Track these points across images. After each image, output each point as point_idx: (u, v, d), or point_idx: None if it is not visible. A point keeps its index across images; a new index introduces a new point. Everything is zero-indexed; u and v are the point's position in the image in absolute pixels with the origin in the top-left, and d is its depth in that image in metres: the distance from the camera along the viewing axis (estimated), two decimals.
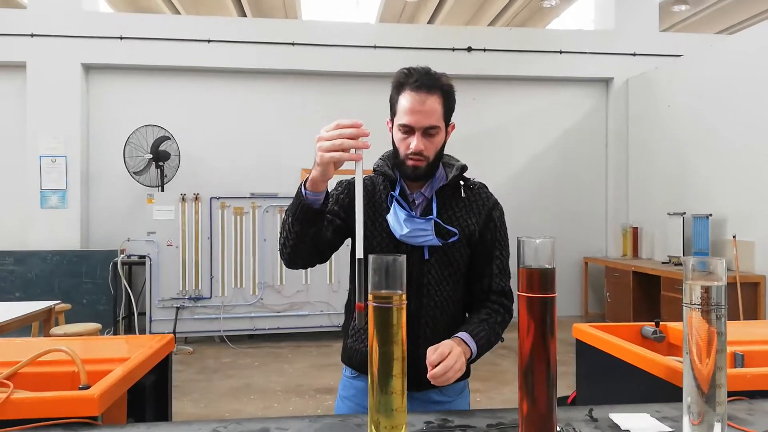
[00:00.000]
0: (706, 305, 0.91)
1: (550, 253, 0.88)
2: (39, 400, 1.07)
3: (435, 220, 1.43)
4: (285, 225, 1.38)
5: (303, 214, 1.32)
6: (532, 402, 0.88)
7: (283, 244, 1.40)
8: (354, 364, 1.52)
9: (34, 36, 6.31)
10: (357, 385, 1.52)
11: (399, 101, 1.40)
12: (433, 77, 1.39)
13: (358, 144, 1.20)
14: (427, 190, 1.47)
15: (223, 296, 5.83)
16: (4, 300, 5.64)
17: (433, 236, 1.42)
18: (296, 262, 1.43)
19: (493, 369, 5.06)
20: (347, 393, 1.55)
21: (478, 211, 1.50)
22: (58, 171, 6.33)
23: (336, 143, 1.20)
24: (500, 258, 1.51)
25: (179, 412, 3.90)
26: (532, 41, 7.19)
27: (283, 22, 7.21)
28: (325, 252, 1.46)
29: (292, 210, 1.34)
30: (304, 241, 1.36)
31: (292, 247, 1.38)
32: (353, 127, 1.20)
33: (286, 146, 6.71)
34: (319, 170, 1.24)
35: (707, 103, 5.87)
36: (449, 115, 1.44)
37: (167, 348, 1.55)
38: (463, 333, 1.37)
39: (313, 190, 1.29)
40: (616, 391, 1.72)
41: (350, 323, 1.54)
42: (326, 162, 1.21)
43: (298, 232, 1.34)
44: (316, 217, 1.34)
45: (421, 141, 1.38)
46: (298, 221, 1.33)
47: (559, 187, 7.34)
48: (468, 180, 1.53)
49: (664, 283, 5.63)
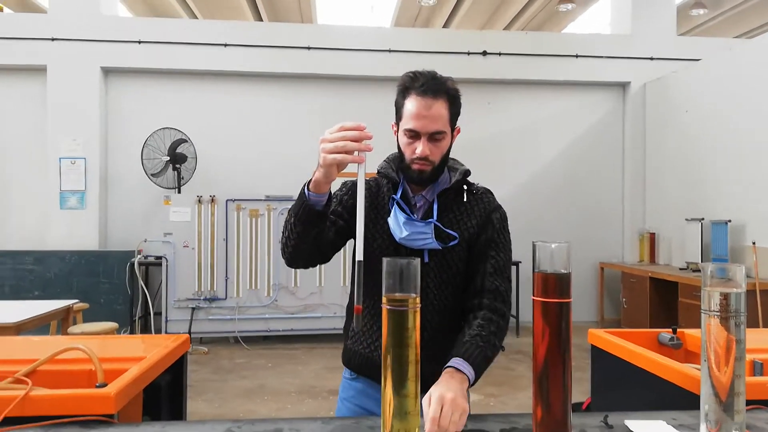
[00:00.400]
0: (725, 312, 0.89)
1: (566, 257, 0.88)
2: (56, 397, 1.08)
3: (435, 223, 1.42)
4: (287, 225, 1.38)
5: (305, 215, 1.32)
6: (546, 408, 0.88)
7: (285, 244, 1.41)
8: (353, 366, 1.53)
9: (54, 40, 6.41)
10: (356, 386, 1.53)
11: (405, 105, 1.39)
12: (438, 81, 1.38)
13: (361, 146, 1.20)
14: (429, 193, 1.47)
15: (237, 297, 5.86)
16: (24, 298, 5.74)
17: (432, 240, 1.41)
18: (297, 261, 1.43)
19: (507, 374, 5.03)
20: (347, 394, 1.56)
21: (479, 215, 1.48)
22: (77, 172, 6.42)
23: (339, 145, 1.20)
24: (495, 258, 1.45)
25: (193, 412, 3.93)
26: (547, 45, 7.16)
27: (298, 27, 7.25)
28: (327, 252, 1.46)
29: (295, 210, 1.34)
30: (305, 242, 1.36)
31: (294, 247, 1.38)
32: (356, 129, 1.21)
33: (302, 149, 6.74)
34: (322, 172, 1.25)
35: (725, 108, 5.79)
36: (455, 119, 1.43)
37: (183, 348, 1.56)
38: (456, 359, 1.29)
39: (316, 192, 1.30)
40: (632, 398, 1.70)
41: (351, 324, 1.54)
42: (329, 164, 1.22)
43: (300, 233, 1.35)
44: (318, 219, 1.34)
45: (427, 146, 1.37)
46: (300, 222, 1.33)
47: (575, 192, 7.28)
48: (471, 185, 1.51)
49: (681, 290, 5.56)
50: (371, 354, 1.48)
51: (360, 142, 1.20)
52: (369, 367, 1.48)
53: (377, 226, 1.46)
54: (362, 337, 1.50)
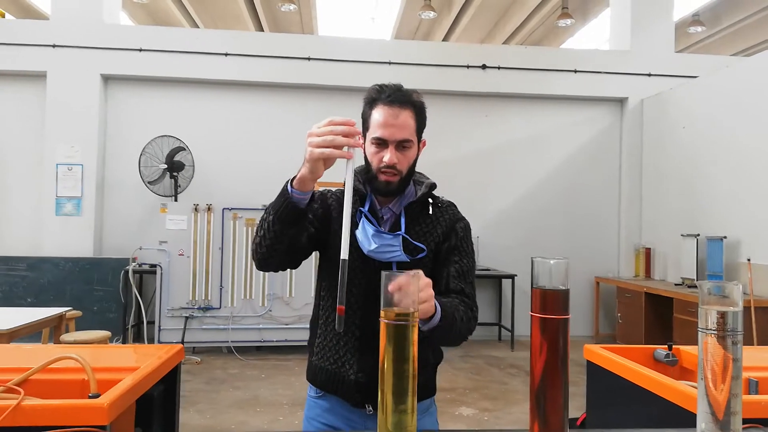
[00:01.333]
0: (722, 331, 0.89)
1: (565, 273, 0.88)
2: (48, 407, 1.07)
3: (403, 235, 1.41)
4: (263, 223, 1.33)
5: (286, 213, 1.27)
6: (543, 424, 0.87)
7: (259, 243, 1.35)
8: (318, 383, 1.49)
9: (55, 47, 6.43)
10: (322, 404, 1.50)
11: (372, 116, 1.41)
12: (405, 93, 1.40)
13: (350, 142, 1.17)
14: (396, 206, 1.46)
15: (232, 307, 5.84)
16: (17, 305, 5.71)
17: (401, 252, 1.40)
18: (269, 263, 1.38)
19: (502, 388, 5.01)
20: (313, 413, 1.51)
21: (444, 225, 1.48)
22: (74, 179, 6.41)
23: (327, 139, 1.17)
24: (459, 263, 1.46)
25: (185, 423, 3.90)
26: (546, 60, 7.21)
27: (299, 37, 7.30)
28: (299, 257, 1.42)
29: (275, 208, 1.29)
30: (281, 242, 1.31)
31: (268, 247, 1.33)
32: (346, 124, 1.18)
33: (300, 160, 6.72)
34: (308, 167, 1.21)
35: (722, 125, 5.83)
36: (421, 131, 1.44)
37: (176, 358, 1.55)
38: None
39: (300, 189, 1.26)
40: (627, 415, 1.70)
41: (315, 340, 1.51)
42: (316, 158, 1.18)
43: (277, 232, 1.30)
44: (298, 218, 1.29)
45: (395, 154, 1.37)
46: (279, 220, 1.29)
47: (571, 206, 7.30)
48: (437, 198, 1.52)
49: (676, 306, 5.56)
50: (338, 370, 1.44)
51: (349, 138, 1.17)
52: (335, 384, 1.45)
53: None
54: (329, 352, 1.46)
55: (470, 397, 4.62)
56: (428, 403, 1.53)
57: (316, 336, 1.51)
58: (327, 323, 1.48)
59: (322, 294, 1.51)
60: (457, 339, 1.40)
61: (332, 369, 1.45)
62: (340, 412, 1.47)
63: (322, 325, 1.49)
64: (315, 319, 1.53)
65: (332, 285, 1.44)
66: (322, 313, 1.50)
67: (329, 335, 1.47)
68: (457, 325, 1.35)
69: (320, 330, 1.50)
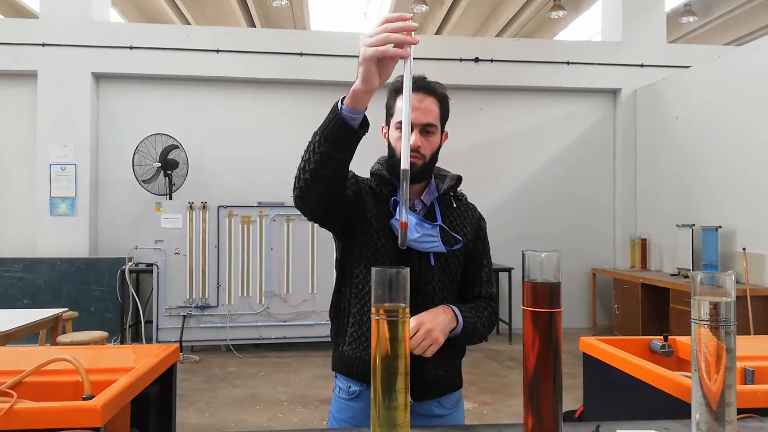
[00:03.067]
0: (715, 321, 0.89)
1: (556, 266, 0.87)
2: (42, 410, 1.06)
3: (441, 226, 1.42)
4: (310, 146, 1.23)
5: (335, 131, 1.17)
6: (537, 418, 0.87)
7: (303, 168, 1.25)
8: (355, 374, 1.42)
9: (45, 45, 6.38)
10: (355, 406, 1.44)
11: (396, 103, 1.41)
12: (429, 83, 1.43)
13: (407, 39, 1.07)
14: (426, 197, 1.47)
15: (229, 305, 5.83)
16: (13, 307, 5.68)
17: (439, 242, 1.41)
18: (312, 193, 1.27)
19: (500, 381, 5.03)
20: (344, 415, 1.45)
21: (470, 221, 1.52)
22: (67, 179, 6.38)
23: (381, 37, 1.07)
24: (487, 266, 1.54)
25: (184, 422, 3.90)
26: (539, 52, 7.20)
27: (291, 33, 7.27)
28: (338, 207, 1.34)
29: (323, 127, 1.20)
30: (326, 167, 1.21)
31: (312, 171, 1.22)
32: (400, 20, 1.08)
33: (294, 155, 6.66)
34: (362, 73, 1.11)
35: (715, 115, 5.84)
36: (444, 120, 1.46)
37: (172, 358, 1.54)
38: (454, 306, 1.40)
39: (352, 107, 1.17)
40: (624, 407, 1.70)
41: (345, 329, 1.45)
42: (369, 57, 1.08)
43: (324, 154, 1.19)
44: (348, 140, 1.19)
45: (419, 138, 1.37)
46: (326, 139, 1.18)
47: (566, 198, 7.31)
48: (456, 191, 1.54)
49: (673, 296, 5.58)
50: None
51: (405, 34, 1.07)
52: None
53: (382, 224, 1.42)
54: (366, 341, 1.40)
55: (469, 391, 4.63)
56: (457, 396, 1.52)
57: (347, 326, 1.45)
58: (362, 312, 1.42)
59: (355, 281, 1.44)
60: (479, 340, 1.50)
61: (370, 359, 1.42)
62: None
63: (356, 313, 1.44)
64: (342, 309, 1.48)
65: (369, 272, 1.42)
66: (355, 301, 1.44)
67: (365, 324, 1.41)
68: (479, 330, 1.44)
69: (353, 319, 1.44)
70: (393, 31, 1.06)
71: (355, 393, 1.44)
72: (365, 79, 1.11)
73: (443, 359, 1.43)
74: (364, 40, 1.08)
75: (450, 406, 1.48)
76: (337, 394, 1.48)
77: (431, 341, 1.27)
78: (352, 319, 1.45)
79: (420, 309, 1.36)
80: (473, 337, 1.43)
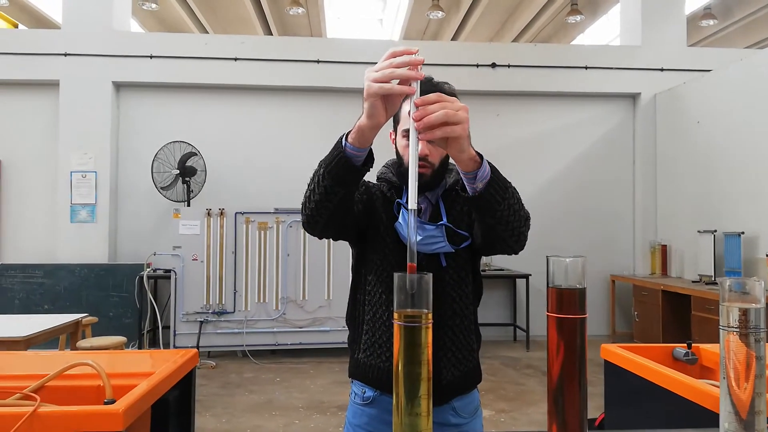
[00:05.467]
0: (744, 328, 0.87)
1: (581, 272, 0.86)
2: (65, 414, 1.07)
3: (446, 224, 1.37)
4: (315, 176, 1.22)
5: (338, 169, 1.15)
6: (562, 426, 0.85)
7: (308, 197, 1.24)
8: (371, 381, 1.42)
9: (67, 55, 6.50)
10: (370, 412, 1.43)
11: (402, 108, 1.37)
12: (436, 84, 1.35)
13: (413, 74, 1.01)
14: (431, 194, 1.43)
15: (246, 311, 5.85)
16: (34, 312, 5.77)
17: (445, 242, 1.37)
18: (317, 221, 1.26)
19: (518, 389, 4.97)
20: (359, 421, 1.45)
21: None
22: (88, 186, 6.47)
23: (386, 73, 1.01)
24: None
25: (201, 427, 3.91)
26: (557, 57, 7.16)
27: (308, 40, 7.32)
28: (347, 225, 1.32)
29: (326, 161, 1.17)
30: (331, 200, 1.20)
31: (317, 203, 1.22)
32: (405, 54, 1.03)
33: (311, 162, 6.70)
34: (367, 109, 1.07)
35: (737, 118, 5.75)
36: None
37: (191, 363, 1.55)
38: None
39: (356, 144, 1.13)
40: (646, 415, 1.67)
41: (361, 337, 1.45)
42: (374, 93, 1.03)
43: (327, 188, 1.18)
44: (351, 176, 1.16)
45: (426, 146, 1.33)
46: (329, 175, 1.16)
47: (585, 204, 7.24)
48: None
49: (694, 303, 5.49)
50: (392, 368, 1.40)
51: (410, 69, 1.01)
52: (391, 382, 1.40)
53: (388, 229, 1.40)
54: (379, 349, 1.39)
55: (486, 398, 4.59)
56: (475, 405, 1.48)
57: (362, 333, 1.45)
58: (375, 319, 1.41)
59: (368, 288, 1.44)
60: (518, 215, 1.23)
61: (385, 367, 1.39)
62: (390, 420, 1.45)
63: (369, 321, 1.43)
64: (356, 316, 1.47)
65: (380, 279, 1.41)
66: (369, 308, 1.43)
67: (378, 332, 1.40)
68: (510, 190, 1.21)
69: (367, 326, 1.44)
70: (398, 66, 1.02)
71: (369, 399, 1.43)
72: (371, 114, 1.07)
73: (461, 359, 1.41)
74: (369, 75, 1.05)
75: (467, 415, 1.45)
76: (352, 400, 1.48)
77: (455, 115, 1.03)
78: (366, 326, 1.45)
79: (436, 314, 1.33)
80: (508, 193, 1.19)
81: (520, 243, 1.32)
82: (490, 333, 6.81)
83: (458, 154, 1.11)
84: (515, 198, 1.23)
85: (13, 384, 1.29)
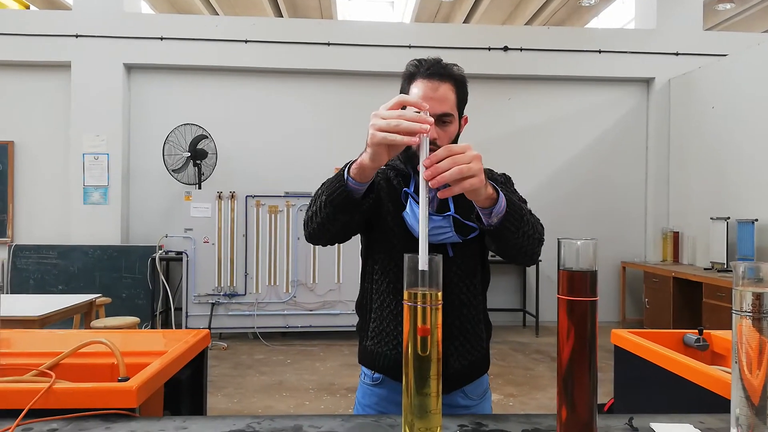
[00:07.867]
0: (758, 313, 0.86)
1: (592, 255, 0.86)
2: (79, 390, 1.09)
3: (454, 215, 1.35)
4: (316, 200, 1.24)
5: (339, 200, 1.18)
6: (571, 409, 0.86)
7: (310, 218, 1.28)
8: (379, 368, 1.43)
9: (78, 37, 6.50)
10: (379, 392, 1.45)
11: (410, 91, 1.34)
12: (444, 66, 1.34)
13: (419, 128, 1.01)
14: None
15: (257, 293, 5.90)
16: (48, 292, 5.85)
17: (452, 233, 1.35)
18: (319, 239, 1.32)
19: (527, 374, 4.99)
20: (369, 401, 1.46)
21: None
22: (100, 168, 6.51)
23: (392, 123, 1.02)
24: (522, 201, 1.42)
25: (213, 407, 3.97)
26: (570, 40, 7.06)
27: (318, 23, 7.26)
28: (350, 235, 1.36)
29: (328, 190, 1.19)
30: (333, 224, 1.24)
31: (320, 224, 1.25)
32: (417, 107, 1.05)
33: (321, 145, 6.76)
34: (370, 153, 1.08)
35: (753, 104, 5.66)
36: (462, 105, 1.38)
37: (203, 343, 1.57)
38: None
39: (357, 179, 1.15)
40: (656, 400, 1.67)
41: (368, 324, 1.46)
42: (378, 142, 1.04)
43: (329, 215, 1.21)
44: (352, 207, 1.19)
45: (434, 129, 1.30)
46: (331, 204, 1.19)
47: (596, 189, 7.19)
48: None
49: (706, 290, 5.45)
50: (399, 356, 1.38)
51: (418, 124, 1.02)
52: (397, 369, 1.37)
53: (396, 219, 1.39)
54: (386, 337, 1.41)
55: (495, 383, 4.61)
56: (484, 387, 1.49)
57: (369, 320, 1.46)
58: (382, 307, 1.42)
59: (375, 278, 1.44)
60: (531, 239, 1.25)
61: (392, 354, 1.40)
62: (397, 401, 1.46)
63: (377, 309, 1.44)
64: (365, 303, 1.48)
65: (388, 268, 1.41)
66: (376, 297, 1.44)
67: (386, 320, 1.41)
68: (526, 218, 1.22)
69: (374, 314, 1.45)
70: (406, 118, 1.02)
71: (378, 379, 1.45)
72: (373, 158, 1.09)
73: (469, 350, 1.41)
74: (375, 122, 1.04)
75: (476, 397, 1.46)
76: (362, 380, 1.50)
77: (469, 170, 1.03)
78: (374, 314, 1.45)
79: (444, 303, 1.32)
80: (524, 221, 1.21)
81: (533, 260, 1.36)
82: (500, 318, 6.82)
83: (475, 198, 1.13)
84: (530, 224, 1.25)
85: (29, 361, 1.31)
